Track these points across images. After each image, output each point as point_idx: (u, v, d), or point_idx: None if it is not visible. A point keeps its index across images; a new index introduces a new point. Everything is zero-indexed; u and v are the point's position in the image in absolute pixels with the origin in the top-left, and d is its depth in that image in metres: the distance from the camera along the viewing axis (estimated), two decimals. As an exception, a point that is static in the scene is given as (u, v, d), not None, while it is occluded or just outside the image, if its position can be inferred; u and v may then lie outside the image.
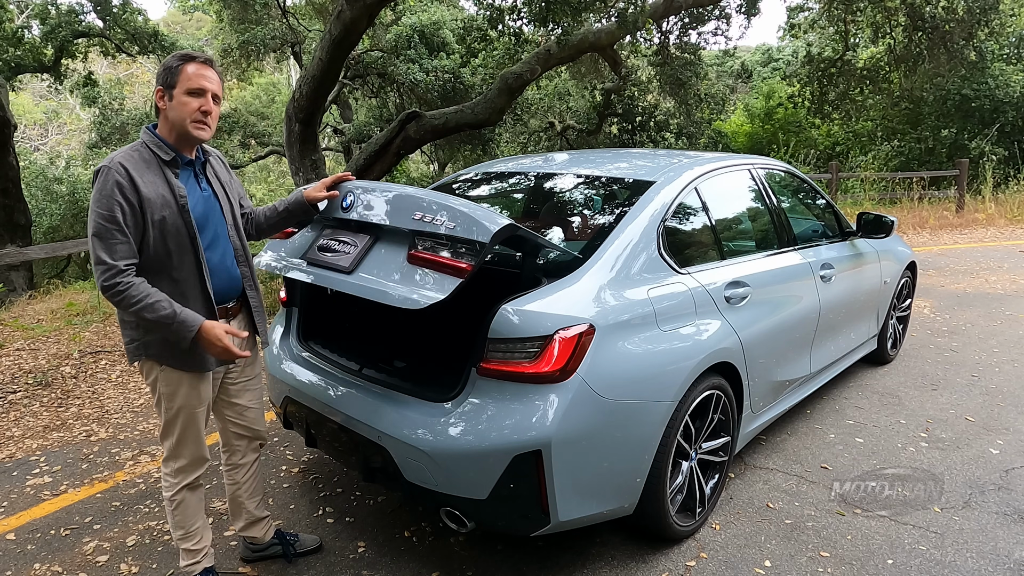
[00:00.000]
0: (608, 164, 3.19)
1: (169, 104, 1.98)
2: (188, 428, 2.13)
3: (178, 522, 2.23)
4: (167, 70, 1.97)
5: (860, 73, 13.17)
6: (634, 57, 15.20)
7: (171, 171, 2.00)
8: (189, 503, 2.22)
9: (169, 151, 2.00)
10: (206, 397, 2.15)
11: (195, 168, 2.10)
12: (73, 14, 12.06)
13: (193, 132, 1.99)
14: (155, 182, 1.95)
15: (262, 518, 2.49)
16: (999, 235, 10.08)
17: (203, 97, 1.98)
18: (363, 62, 14.02)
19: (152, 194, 1.93)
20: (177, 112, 1.97)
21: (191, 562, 2.26)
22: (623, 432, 2.21)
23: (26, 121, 24.61)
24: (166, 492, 2.21)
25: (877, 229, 3.86)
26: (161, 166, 1.99)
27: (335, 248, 2.35)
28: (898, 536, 2.62)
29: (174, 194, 1.98)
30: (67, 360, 4.83)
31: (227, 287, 2.15)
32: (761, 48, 27.31)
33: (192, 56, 1.99)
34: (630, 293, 2.32)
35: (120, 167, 1.90)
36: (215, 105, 2.02)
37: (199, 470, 2.22)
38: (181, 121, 1.98)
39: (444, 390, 2.23)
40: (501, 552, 2.53)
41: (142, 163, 1.96)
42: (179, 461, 2.17)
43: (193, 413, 2.12)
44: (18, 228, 9.89)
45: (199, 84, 1.97)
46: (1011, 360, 4.58)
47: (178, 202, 1.98)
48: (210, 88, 2.00)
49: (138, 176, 1.92)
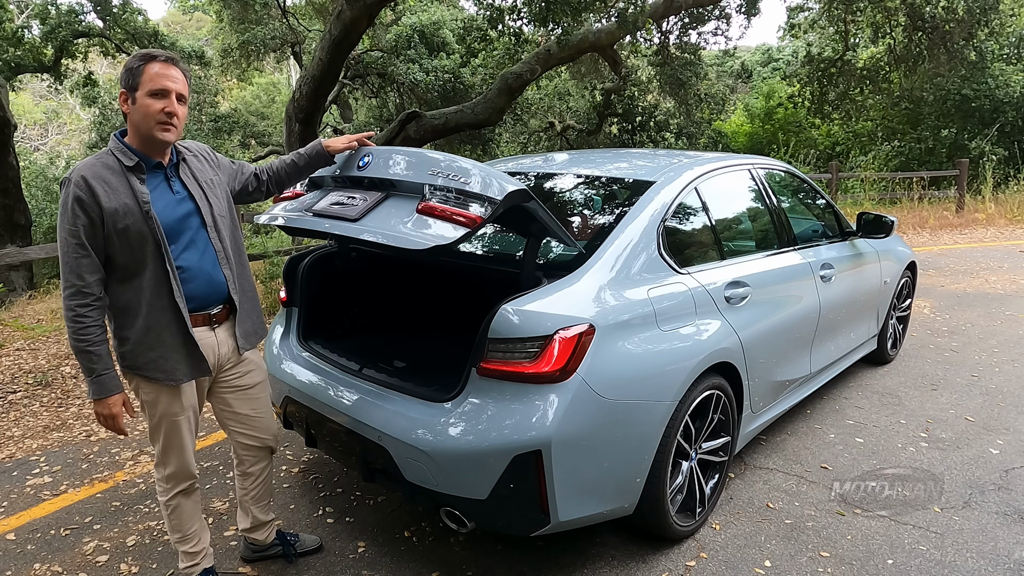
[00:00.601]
0: (608, 164, 3.19)
1: (132, 107, 1.90)
2: (171, 437, 2.09)
3: (175, 526, 2.22)
4: (128, 71, 1.89)
5: (860, 73, 13.18)
6: (634, 57, 15.20)
7: (136, 177, 1.92)
8: (184, 507, 2.20)
9: (132, 156, 1.92)
10: (188, 405, 2.09)
11: (166, 171, 2.00)
12: (73, 14, 12.06)
13: (158, 135, 1.91)
14: (118, 191, 1.88)
15: (266, 522, 2.49)
16: (999, 235, 10.08)
17: (167, 98, 1.89)
18: (363, 62, 14.02)
19: (114, 204, 1.86)
20: (140, 115, 1.89)
21: (190, 564, 2.25)
22: (623, 432, 2.21)
23: (26, 121, 24.61)
24: (161, 497, 2.19)
25: (877, 229, 3.86)
26: (125, 173, 1.90)
27: (344, 202, 2.28)
28: (898, 536, 2.62)
29: (138, 201, 1.90)
30: (67, 360, 4.83)
31: (207, 292, 2.05)
32: (761, 48, 27.32)
33: (153, 55, 1.89)
34: (630, 293, 2.32)
35: (81, 180, 1.84)
36: (180, 105, 1.93)
37: (184, 483, 2.18)
38: (145, 124, 1.90)
39: (444, 390, 2.23)
40: (501, 552, 2.53)
41: (106, 171, 1.88)
42: (167, 468, 2.15)
43: (174, 422, 2.08)
44: (18, 228, 9.89)
45: (161, 84, 1.88)
46: (1011, 360, 4.58)
47: (142, 208, 1.89)
48: (174, 88, 1.90)
49: (99, 186, 1.85)
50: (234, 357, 2.19)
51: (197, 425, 2.19)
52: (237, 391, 2.23)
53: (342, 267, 3.01)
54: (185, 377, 2.04)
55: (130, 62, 1.91)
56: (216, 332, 2.11)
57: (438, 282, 3.41)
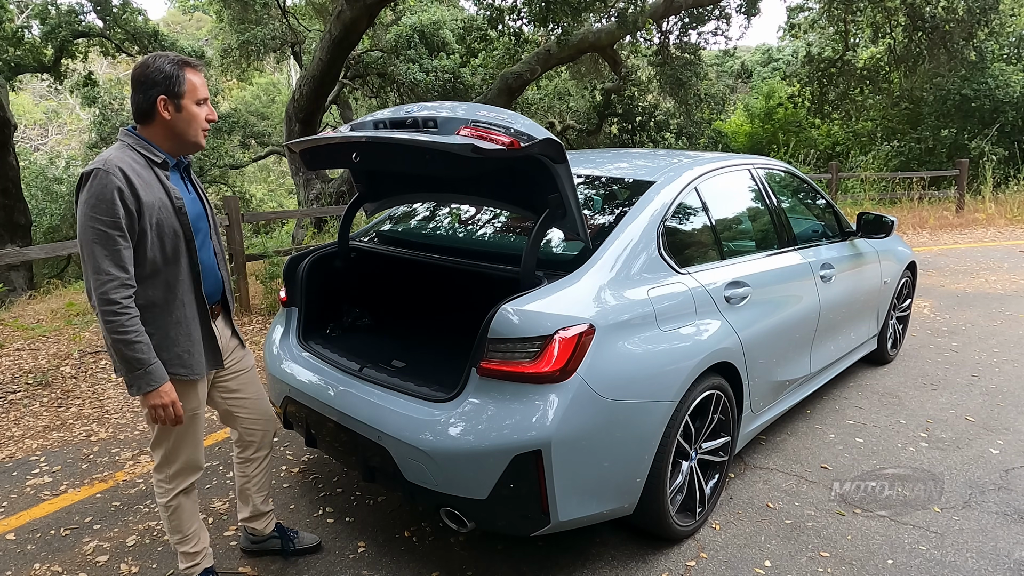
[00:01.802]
0: (608, 164, 3.20)
1: (176, 114, 1.95)
2: (187, 432, 2.12)
3: (175, 527, 2.22)
4: (168, 78, 1.91)
5: (860, 73, 13.19)
6: (634, 57, 15.22)
7: (163, 173, 1.97)
8: (184, 507, 2.21)
9: (159, 153, 1.97)
10: (201, 400, 2.14)
11: (180, 171, 2.08)
12: (73, 14, 12.07)
13: (201, 141, 2.03)
14: (151, 185, 1.92)
15: (266, 512, 2.51)
16: (999, 235, 10.08)
17: (207, 105, 2.02)
18: (363, 62, 14.02)
19: (150, 198, 1.89)
20: (187, 122, 1.97)
21: (190, 564, 2.26)
22: (623, 432, 2.21)
23: (26, 121, 24.61)
24: (160, 499, 2.20)
25: (877, 229, 3.86)
26: (153, 168, 1.95)
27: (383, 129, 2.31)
28: (898, 536, 2.62)
29: (170, 196, 1.95)
30: (67, 360, 4.83)
31: (212, 289, 2.15)
32: (761, 48, 27.31)
33: (188, 62, 1.97)
34: (630, 293, 2.32)
35: (119, 171, 1.84)
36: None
37: (193, 476, 2.20)
38: (192, 130, 1.99)
39: (444, 390, 2.23)
40: (501, 552, 2.53)
41: (136, 166, 1.91)
42: (172, 467, 2.15)
43: (191, 417, 2.10)
44: (18, 228, 9.90)
45: (204, 93, 2.00)
46: (1011, 360, 4.58)
47: (174, 204, 1.96)
48: (208, 94, 2.03)
49: (136, 179, 1.87)
50: (230, 346, 2.29)
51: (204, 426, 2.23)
52: (238, 375, 2.32)
53: (342, 267, 3.01)
54: (205, 370, 2.11)
55: (167, 68, 1.92)
56: (216, 325, 2.19)
57: (438, 282, 3.41)
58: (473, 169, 2.10)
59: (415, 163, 2.24)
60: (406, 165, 2.36)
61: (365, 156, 2.36)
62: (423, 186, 2.83)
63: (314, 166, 2.65)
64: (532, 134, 2.03)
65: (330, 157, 2.54)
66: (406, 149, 2.17)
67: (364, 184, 2.93)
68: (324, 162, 2.61)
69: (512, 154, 1.96)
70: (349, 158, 2.40)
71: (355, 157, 2.37)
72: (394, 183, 2.91)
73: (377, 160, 2.40)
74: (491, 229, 3.09)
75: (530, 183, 2.24)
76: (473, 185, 2.60)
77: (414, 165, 2.28)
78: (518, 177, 2.29)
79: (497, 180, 2.40)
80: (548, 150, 2.05)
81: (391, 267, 3.22)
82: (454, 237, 3.14)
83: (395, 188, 2.93)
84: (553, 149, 2.06)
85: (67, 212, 15.81)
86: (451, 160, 2.07)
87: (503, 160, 2.03)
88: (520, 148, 1.97)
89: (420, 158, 2.17)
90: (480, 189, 2.61)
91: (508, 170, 2.23)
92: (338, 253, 3.00)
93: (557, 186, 2.16)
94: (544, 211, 2.21)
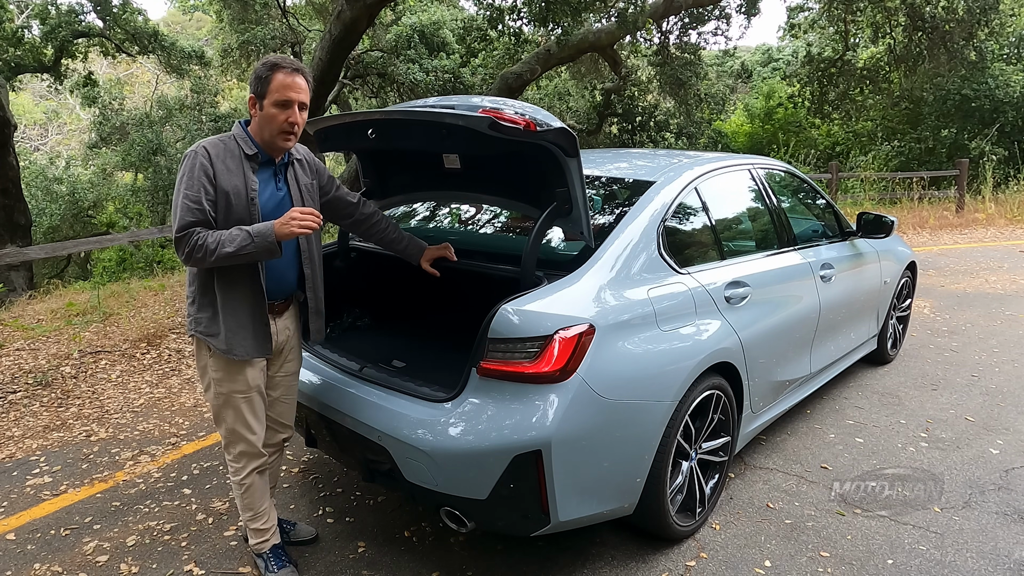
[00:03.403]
0: (608, 164, 3.19)
1: (259, 113, 2.05)
2: (238, 415, 2.18)
3: (247, 504, 2.30)
4: (258, 79, 2.03)
5: (860, 73, 13.19)
6: (634, 57, 15.22)
7: (251, 165, 2.07)
8: (257, 486, 2.29)
9: (253, 146, 2.08)
10: (254, 384, 2.18)
11: (276, 167, 2.16)
12: (73, 14, 12.06)
13: (279, 143, 2.08)
14: (233, 173, 2.02)
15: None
16: (999, 235, 10.08)
17: (290, 109, 2.03)
18: (363, 62, 14.02)
19: (227, 185, 2.00)
20: (265, 122, 2.05)
21: (260, 540, 2.34)
22: (623, 432, 2.21)
23: (26, 121, 24.60)
24: (234, 477, 2.27)
25: (877, 229, 3.86)
26: (242, 159, 2.05)
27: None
28: (898, 536, 2.62)
29: (247, 187, 2.04)
30: (67, 360, 4.83)
31: (274, 288, 2.18)
32: (761, 48, 27.29)
33: (281, 65, 2.03)
34: (630, 293, 2.32)
35: (205, 152, 1.99)
36: (302, 113, 2.07)
37: (256, 461, 2.26)
38: (269, 131, 2.06)
39: (444, 390, 2.23)
40: (501, 552, 2.53)
41: (225, 152, 2.03)
42: (238, 447, 2.23)
43: (242, 399, 2.16)
44: (18, 228, 9.90)
45: (287, 96, 2.02)
46: (1011, 360, 4.58)
47: (248, 195, 2.04)
48: (296, 98, 2.03)
49: (220, 164, 2.00)
50: (288, 345, 2.32)
51: (263, 408, 2.26)
52: (276, 376, 2.35)
53: (342, 267, 3.01)
54: (250, 354, 2.13)
55: (259, 70, 2.04)
56: (276, 321, 2.24)
57: (438, 282, 3.40)
58: (487, 149, 2.13)
59: (431, 140, 2.26)
60: (422, 142, 2.35)
61: (381, 133, 2.39)
62: (430, 181, 2.84)
63: (326, 148, 2.68)
64: (549, 122, 2.08)
65: (345, 136, 2.55)
66: (423, 127, 2.21)
67: (372, 179, 2.93)
68: (337, 143, 2.64)
69: (527, 136, 2.01)
70: (364, 135, 2.43)
71: (371, 133, 2.41)
72: (401, 176, 2.91)
73: (392, 139, 2.41)
74: (491, 229, 3.09)
75: (539, 176, 2.26)
76: (481, 177, 2.61)
77: (429, 142, 2.29)
78: (528, 167, 2.31)
79: (506, 170, 2.41)
80: (562, 140, 2.10)
81: (391, 267, 3.22)
82: (454, 237, 3.14)
83: (402, 183, 2.93)
84: (567, 140, 2.11)
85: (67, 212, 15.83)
86: (467, 139, 2.10)
87: (516, 144, 2.06)
88: (536, 131, 2.02)
89: (436, 135, 2.19)
90: (487, 182, 2.62)
91: (518, 159, 2.25)
92: (338, 253, 3.00)
93: (566, 180, 2.19)
94: (550, 205, 2.23)
